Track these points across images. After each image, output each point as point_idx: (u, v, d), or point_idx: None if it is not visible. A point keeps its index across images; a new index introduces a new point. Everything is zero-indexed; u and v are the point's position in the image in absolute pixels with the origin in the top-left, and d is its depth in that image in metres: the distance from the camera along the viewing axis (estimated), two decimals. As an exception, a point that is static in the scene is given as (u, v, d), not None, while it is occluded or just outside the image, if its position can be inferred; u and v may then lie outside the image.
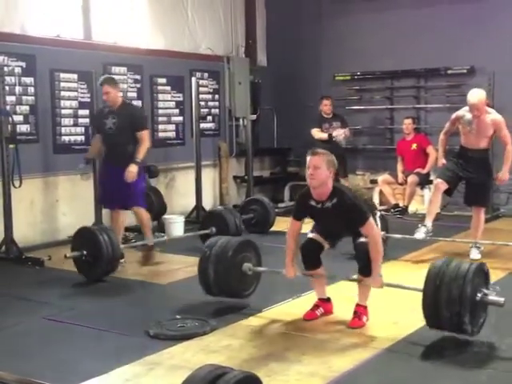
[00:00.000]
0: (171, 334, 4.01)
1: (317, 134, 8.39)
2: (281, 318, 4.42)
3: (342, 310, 4.45)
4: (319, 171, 4.03)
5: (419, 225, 6.16)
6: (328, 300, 4.46)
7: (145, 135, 5.98)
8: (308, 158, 4.10)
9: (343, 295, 4.68)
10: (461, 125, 6.13)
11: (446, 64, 8.57)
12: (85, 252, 5.34)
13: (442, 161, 6.36)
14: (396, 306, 4.62)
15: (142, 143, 5.92)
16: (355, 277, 4.29)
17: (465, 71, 8.40)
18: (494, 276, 5.47)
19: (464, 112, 6.07)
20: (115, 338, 4.05)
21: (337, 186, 4.17)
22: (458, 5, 8.54)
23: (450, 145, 6.56)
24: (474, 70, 8.37)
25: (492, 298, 3.75)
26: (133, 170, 5.77)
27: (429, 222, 6.12)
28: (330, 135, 8.28)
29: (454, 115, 6.21)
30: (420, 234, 6.04)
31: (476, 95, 5.89)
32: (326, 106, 8.50)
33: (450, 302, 3.59)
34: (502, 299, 3.72)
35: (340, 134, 8.30)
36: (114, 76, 6.80)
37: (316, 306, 4.41)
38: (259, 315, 4.48)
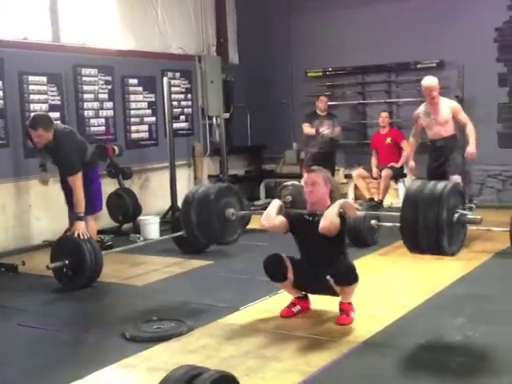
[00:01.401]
0: (148, 336, 3.98)
1: (305, 128, 8.53)
2: (258, 315, 4.41)
3: (320, 305, 4.46)
4: (318, 187, 4.18)
5: None
6: (305, 297, 4.46)
7: (73, 181, 5.31)
8: (305, 175, 4.27)
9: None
10: (422, 121, 6.42)
11: (416, 58, 8.64)
12: (67, 262, 5.17)
13: (411, 163, 6.68)
14: (373, 298, 4.66)
15: (74, 192, 5.33)
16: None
17: (434, 65, 8.47)
18: (477, 260, 5.59)
19: (421, 107, 6.46)
20: (91, 342, 4.01)
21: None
22: (427, -1, 8.63)
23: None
24: (444, 63, 8.45)
25: (469, 217, 3.73)
26: (79, 227, 5.24)
27: None
28: (318, 130, 8.37)
29: (414, 115, 6.50)
30: None
31: (428, 79, 6.33)
32: (321, 103, 8.56)
33: (428, 227, 3.52)
34: (478, 217, 3.74)
35: (325, 129, 8.39)
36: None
37: (293, 304, 4.40)
38: (236, 313, 4.47)
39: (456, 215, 3.63)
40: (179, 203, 8.17)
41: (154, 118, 8.61)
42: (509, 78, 8.19)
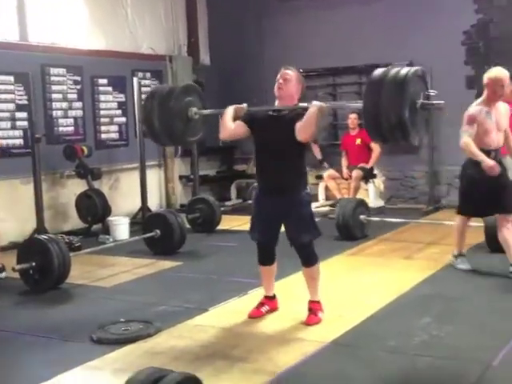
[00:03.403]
0: (114, 338, 3.94)
1: None
2: (227, 316, 4.40)
3: (288, 306, 4.47)
4: (290, 83, 4.14)
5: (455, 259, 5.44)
6: (273, 297, 4.46)
7: None
8: (280, 72, 4.18)
9: (290, 291, 4.73)
10: (483, 123, 4.96)
11: (386, 60, 8.62)
12: (34, 264, 5.08)
13: (489, 162, 4.89)
14: (341, 298, 4.69)
15: None
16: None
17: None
18: (445, 260, 5.64)
19: (476, 108, 5.04)
20: (57, 345, 3.96)
21: (301, 106, 4.13)
22: (397, 1, 8.69)
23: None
24: (413, 65, 8.38)
25: (433, 101, 3.70)
26: None
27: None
28: None
29: (470, 113, 4.98)
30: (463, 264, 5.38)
31: (498, 69, 5.03)
32: None
33: (390, 105, 3.47)
34: (441, 101, 3.70)
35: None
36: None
37: (261, 304, 4.40)
38: (205, 314, 4.45)
39: (419, 101, 3.58)
40: (150, 204, 8.18)
41: (124, 119, 8.55)
42: (476, 81, 8.30)
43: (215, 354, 3.70)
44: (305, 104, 4.19)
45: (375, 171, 8.71)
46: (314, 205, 8.77)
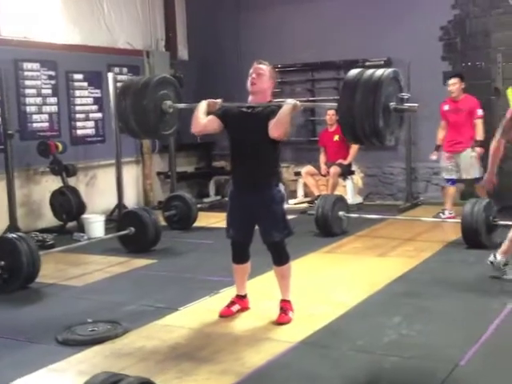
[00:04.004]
0: (80, 339, 3.87)
1: None
2: (197, 315, 4.35)
3: (260, 305, 4.43)
4: (263, 78, 4.10)
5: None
6: (245, 296, 4.42)
7: None
8: (253, 66, 4.14)
9: (261, 290, 4.69)
10: None
11: (364, 56, 8.68)
12: (2, 263, 4.96)
13: (493, 179, 4.83)
14: (313, 297, 4.66)
15: None
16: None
17: (382, 63, 8.50)
18: (418, 258, 5.65)
19: None
20: (23, 347, 3.88)
21: (275, 103, 4.10)
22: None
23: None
24: (391, 61, 8.50)
25: (406, 104, 3.68)
26: None
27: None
28: None
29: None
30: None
31: None
32: None
33: (365, 113, 3.48)
34: (415, 104, 3.69)
35: None
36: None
37: (232, 303, 4.36)
38: (175, 314, 4.40)
39: (393, 103, 3.57)
40: (127, 201, 8.09)
41: (100, 114, 8.45)
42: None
43: (183, 355, 3.65)
44: (279, 101, 4.15)
45: (353, 168, 8.69)
46: (292, 201, 8.85)
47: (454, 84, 7.24)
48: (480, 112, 7.19)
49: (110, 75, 7.67)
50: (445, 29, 8.29)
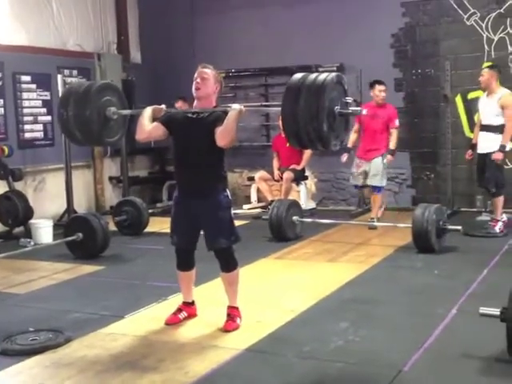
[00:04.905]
0: (20, 349, 3.75)
1: None
2: (143, 323, 4.27)
3: (207, 312, 4.37)
4: (207, 83, 4.04)
5: None
6: (192, 303, 4.35)
7: None
8: (197, 70, 4.08)
9: (208, 297, 4.64)
10: None
11: (317, 61, 8.71)
12: None
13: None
14: (262, 303, 4.62)
15: None
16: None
17: (335, 68, 8.53)
18: (367, 263, 5.67)
19: None
20: (-42, 358, 3.74)
21: (220, 109, 4.05)
22: (328, 4, 8.72)
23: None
24: (344, 67, 8.56)
25: (351, 108, 3.70)
26: None
27: None
28: None
29: None
30: None
31: None
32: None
33: (308, 118, 3.46)
34: (359, 108, 3.67)
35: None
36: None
37: (179, 310, 4.29)
38: (120, 322, 4.30)
39: (338, 107, 3.57)
40: (78, 206, 7.93)
41: (49, 117, 8.26)
42: (404, 84, 8.42)
43: (125, 364, 3.57)
44: (224, 107, 4.11)
45: (307, 173, 8.71)
46: (246, 206, 8.82)
47: (384, 91, 7.34)
48: (397, 122, 7.35)
49: (59, 77, 7.51)
50: (396, 36, 8.40)
